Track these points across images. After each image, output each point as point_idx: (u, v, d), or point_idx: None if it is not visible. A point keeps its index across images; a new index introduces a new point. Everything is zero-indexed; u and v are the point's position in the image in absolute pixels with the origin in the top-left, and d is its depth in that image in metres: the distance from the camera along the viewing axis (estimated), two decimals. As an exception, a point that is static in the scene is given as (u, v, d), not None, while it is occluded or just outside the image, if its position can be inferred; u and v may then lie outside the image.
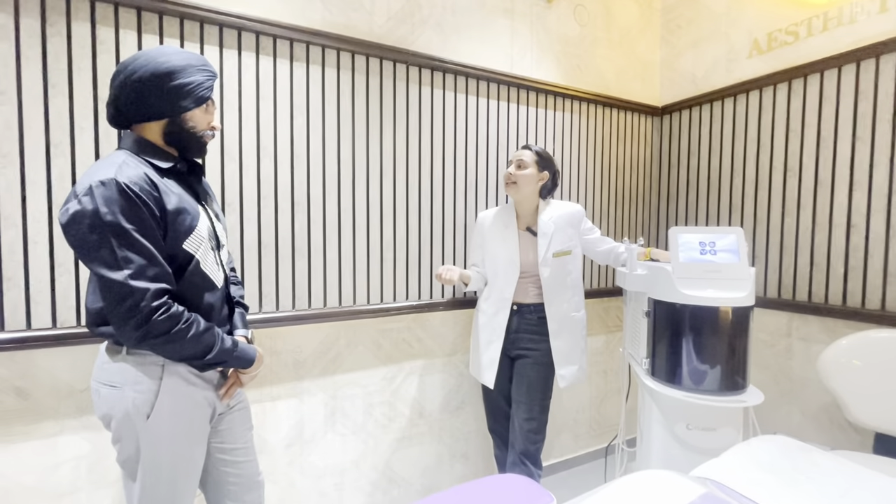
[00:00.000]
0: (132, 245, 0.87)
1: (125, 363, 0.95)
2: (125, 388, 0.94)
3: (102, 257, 0.86)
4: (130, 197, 0.87)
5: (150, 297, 0.88)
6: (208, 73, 1.02)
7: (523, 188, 1.62)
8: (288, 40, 1.50)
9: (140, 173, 0.91)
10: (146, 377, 0.95)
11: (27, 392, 1.23)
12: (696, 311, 1.19)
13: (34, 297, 1.22)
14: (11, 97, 1.18)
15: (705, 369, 1.19)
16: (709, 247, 1.23)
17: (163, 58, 0.96)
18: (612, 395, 2.36)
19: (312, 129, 1.56)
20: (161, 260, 0.91)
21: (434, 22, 1.77)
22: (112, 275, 0.86)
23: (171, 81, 0.96)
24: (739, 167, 2.03)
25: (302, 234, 1.55)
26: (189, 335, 0.93)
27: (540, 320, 1.62)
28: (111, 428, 0.96)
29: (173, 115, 0.98)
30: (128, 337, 0.89)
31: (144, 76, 0.94)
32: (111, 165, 0.90)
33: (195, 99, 0.99)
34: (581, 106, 2.16)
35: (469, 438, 1.95)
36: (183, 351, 0.94)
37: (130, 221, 0.87)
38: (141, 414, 0.93)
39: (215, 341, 0.98)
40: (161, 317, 0.89)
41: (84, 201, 0.86)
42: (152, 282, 0.89)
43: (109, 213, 0.85)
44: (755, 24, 1.98)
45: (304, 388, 1.59)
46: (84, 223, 0.86)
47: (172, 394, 0.96)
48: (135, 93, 0.95)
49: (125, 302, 0.86)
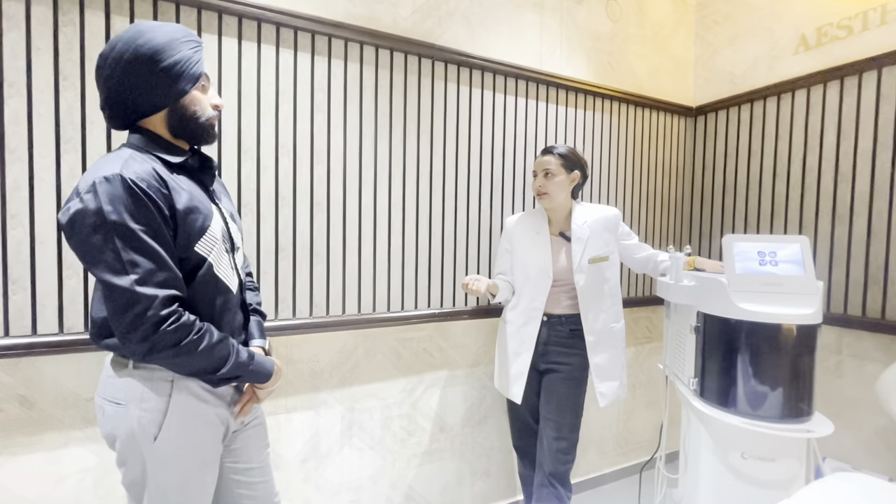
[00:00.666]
0: (139, 247, 0.79)
1: (131, 378, 0.87)
2: (131, 405, 0.85)
3: (106, 261, 0.78)
4: (137, 194, 0.79)
5: (159, 305, 0.79)
6: (194, 43, 0.90)
7: (557, 196, 1.52)
8: (309, 33, 1.42)
9: (148, 168, 0.83)
10: (154, 394, 0.86)
11: (31, 401, 1.17)
12: (755, 329, 1.07)
13: (41, 301, 1.15)
14: (21, 89, 1.12)
15: (764, 393, 1.07)
16: (769, 257, 1.11)
17: (142, 38, 0.84)
18: (640, 411, 2.24)
19: (333, 127, 1.48)
20: (171, 263, 0.83)
21: (461, 15, 1.68)
22: (116, 280, 0.78)
23: (159, 64, 0.84)
24: (783, 171, 1.91)
25: (321, 236, 1.47)
26: (200, 347, 0.84)
27: (572, 332, 1.51)
28: (116, 448, 0.88)
29: (172, 102, 0.89)
30: (133, 350, 0.81)
31: (128, 65, 0.83)
32: (116, 160, 0.82)
33: (189, 79, 0.88)
34: (612, 105, 2.05)
35: (491, 455, 1.85)
36: (194, 365, 0.85)
37: (137, 221, 0.79)
38: (147, 435, 0.85)
39: (229, 354, 0.89)
40: (170, 327, 0.80)
41: (86, 199, 0.78)
42: (161, 288, 0.80)
43: (114, 212, 0.77)
44: (802, 18, 1.85)
45: (320, 399, 1.51)
46: (86, 223, 0.77)
47: (182, 412, 0.88)
48: (124, 88, 0.85)
49: (130, 310, 0.78)
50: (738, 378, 1.10)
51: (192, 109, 0.91)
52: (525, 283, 1.55)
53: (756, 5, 2.01)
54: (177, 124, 0.91)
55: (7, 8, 1.10)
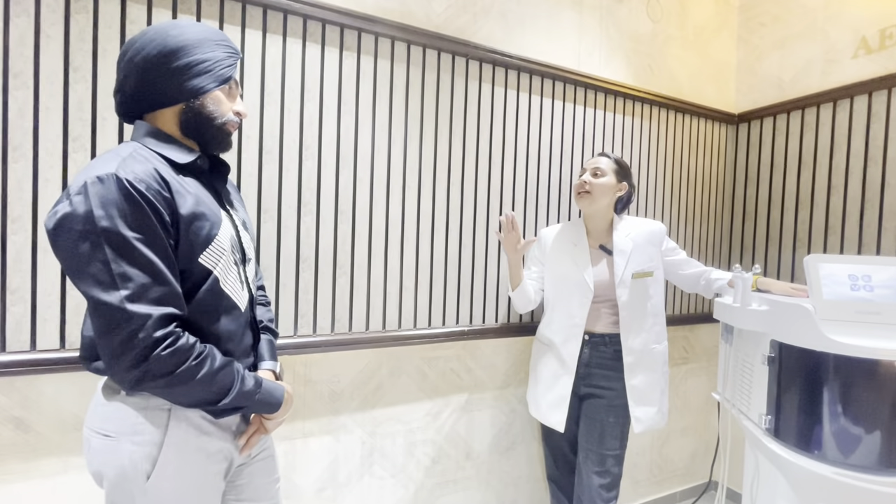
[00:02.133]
0: (133, 258, 0.68)
1: (124, 405, 0.75)
2: (121, 439, 0.74)
3: (93, 273, 0.67)
4: (133, 197, 0.68)
5: (152, 326, 0.67)
6: (230, 49, 0.84)
7: (599, 199, 1.40)
8: (338, 26, 1.32)
9: (149, 169, 0.72)
10: (149, 425, 0.74)
11: (28, 424, 1.06)
12: (849, 363, 0.93)
13: (41, 314, 1.04)
14: (27, 81, 1.02)
15: (858, 437, 0.93)
16: (862, 281, 0.98)
17: (175, 31, 0.78)
18: (675, 437, 2.09)
19: (361, 128, 1.37)
20: (169, 277, 0.71)
21: (497, 12, 1.57)
22: (104, 296, 0.66)
23: (184, 57, 0.78)
24: (839, 184, 1.76)
25: (345, 247, 1.35)
26: (199, 375, 0.72)
27: (616, 353, 1.39)
28: (104, 488, 0.76)
29: (188, 97, 0.80)
30: (121, 378, 0.69)
31: (153, 52, 0.76)
32: (114, 158, 0.71)
33: (215, 78, 0.81)
34: (651, 110, 1.92)
35: (519, 484, 1.71)
36: (191, 395, 0.74)
37: (132, 228, 0.68)
38: (139, 473, 0.73)
39: (233, 382, 0.77)
40: (165, 351, 0.68)
41: (76, 202, 0.67)
42: (156, 305, 0.69)
43: (106, 218, 0.66)
44: (863, 19, 1.72)
45: (340, 423, 1.39)
46: (74, 229, 0.67)
47: (180, 447, 0.76)
48: (143, 72, 0.77)
49: (119, 331, 0.67)
50: (824, 419, 0.96)
51: (209, 108, 0.81)
52: (561, 297, 1.42)
53: (809, 6, 1.89)
54: (189, 122, 0.81)
55: (15, -8, 1.00)
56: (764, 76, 2.05)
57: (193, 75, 0.78)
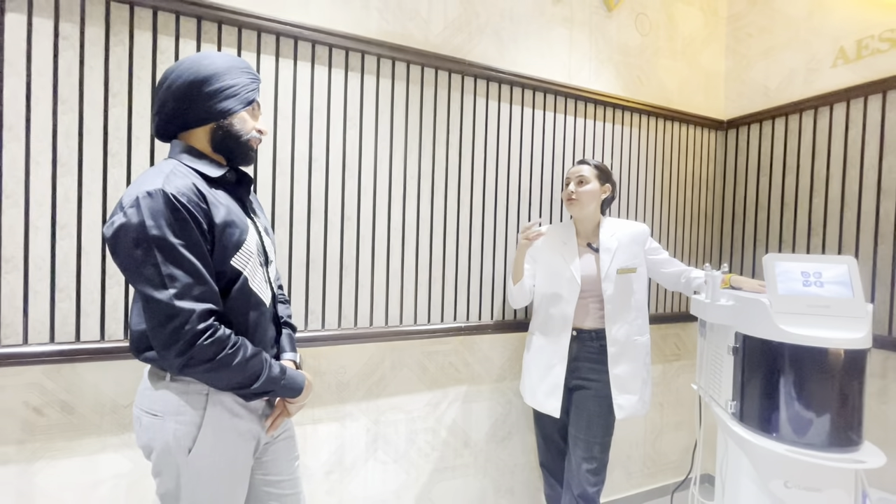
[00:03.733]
0: (178, 261, 0.81)
1: (168, 391, 0.88)
2: (167, 418, 0.87)
3: (146, 274, 0.80)
4: (178, 209, 0.81)
5: (196, 319, 0.81)
6: (252, 75, 0.97)
7: (587, 205, 1.51)
8: (344, 49, 1.46)
9: (188, 183, 0.85)
10: (189, 407, 0.87)
11: (72, 406, 1.20)
12: (800, 352, 1.03)
13: (84, 309, 1.19)
14: (73, 105, 1.17)
15: (810, 419, 1.02)
16: (813, 278, 1.07)
17: (206, 61, 0.92)
18: (668, 431, 2.17)
19: (365, 141, 1.50)
20: (208, 278, 0.84)
21: (491, 30, 1.70)
22: (156, 294, 0.80)
23: (215, 83, 0.91)
24: (820, 187, 1.85)
25: (350, 250, 1.48)
26: (235, 361, 0.85)
27: (601, 348, 1.49)
28: (151, 459, 0.89)
29: (218, 118, 0.93)
30: (170, 363, 0.82)
31: (188, 80, 0.89)
32: (159, 175, 0.84)
33: (241, 100, 0.94)
34: (641, 119, 2.03)
35: (515, 472, 1.82)
36: (228, 379, 0.86)
37: (177, 236, 0.81)
38: (182, 448, 0.86)
39: (262, 368, 0.90)
40: (206, 341, 0.81)
41: (130, 213, 0.80)
42: (198, 302, 0.82)
43: (155, 227, 0.80)
44: (842, 30, 1.81)
45: (346, 411, 1.51)
46: (129, 237, 0.80)
47: (216, 426, 0.89)
48: (180, 98, 0.90)
49: (169, 324, 0.80)
50: (780, 403, 1.06)
51: (236, 127, 0.94)
52: (552, 293, 1.53)
53: (793, 18, 1.98)
54: (219, 139, 0.94)
55: (63, 29, 1.16)
56: (751, 84, 2.14)
57: (223, 99, 0.92)
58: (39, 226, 1.15)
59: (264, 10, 1.35)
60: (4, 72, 1.11)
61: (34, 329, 1.15)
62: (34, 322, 1.15)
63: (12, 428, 1.15)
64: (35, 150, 1.14)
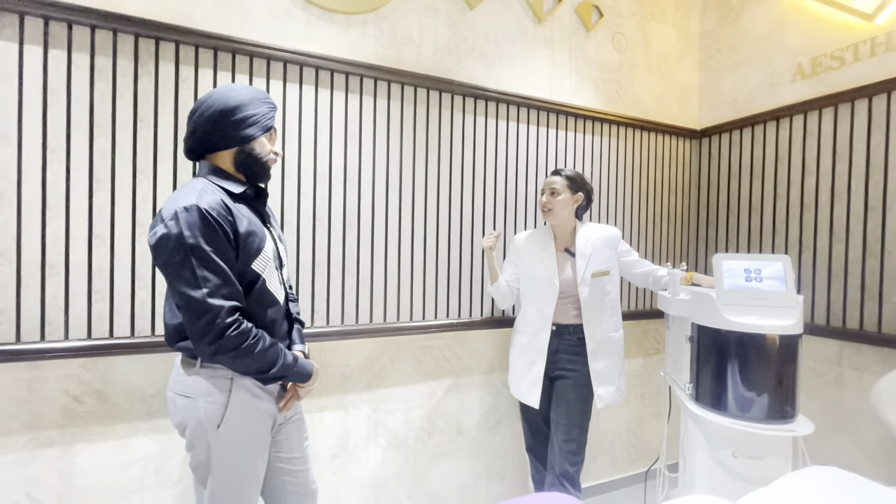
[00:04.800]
0: (210, 265, 0.96)
1: (199, 376, 1.03)
2: (198, 399, 1.02)
3: (184, 276, 0.95)
4: (209, 221, 0.97)
5: (225, 314, 0.96)
6: (270, 104, 1.13)
7: (560, 213, 1.66)
8: (344, 73, 1.62)
9: (217, 199, 1.01)
10: (217, 389, 1.03)
11: (106, 395, 1.35)
12: (742, 338, 1.19)
13: (117, 309, 1.34)
14: (107, 130, 1.33)
15: (752, 397, 1.18)
16: (754, 274, 1.23)
17: (232, 93, 1.07)
18: (649, 419, 2.33)
19: (364, 156, 1.66)
20: (234, 279, 1.00)
21: (478, 52, 1.86)
22: (192, 292, 0.95)
23: (239, 113, 1.06)
24: (783, 191, 2.01)
25: (352, 253, 1.64)
26: (256, 350, 1.01)
27: (579, 341, 1.64)
28: (185, 436, 1.04)
29: (242, 143, 1.08)
30: (203, 350, 0.98)
31: (218, 110, 1.05)
32: (192, 192, 1.00)
33: (261, 127, 1.10)
34: (619, 130, 2.19)
35: (505, 458, 1.97)
36: (251, 365, 1.02)
37: (209, 243, 0.96)
38: (212, 423, 1.01)
39: (279, 356, 1.06)
40: (233, 332, 0.97)
41: (170, 225, 0.96)
42: (226, 300, 0.97)
43: (192, 237, 0.95)
44: (799, 48, 1.97)
45: (349, 400, 1.67)
46: (170, 245, 0.95)
47: (240, 405, 1.04)
48: (210, 125, 1.05)
49: (203, 318, 0.95)
50: (728, 383, 1.21)
51: (257, 151, 1.10)
52: (532, 294, 1.69)
53: (756, 35, 2.14)
54: (242, 161, 1.10)
55: (98, 62, 1.32)
56: (722, 96, 2.31)
57: (246, 126, 1.07)
58: (78, 235, 1.30)
59: (272, 40, 1.51)
60: (48, 101, 1.27)
61: (74, 326, 1.30)
62: (73, 320, 1.30)
63: (54, 414, 1.30)
64: (74, 168, 1.30)
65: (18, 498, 1.26)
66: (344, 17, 1.63)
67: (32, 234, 1.26)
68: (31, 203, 1.26)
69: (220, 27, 1.45)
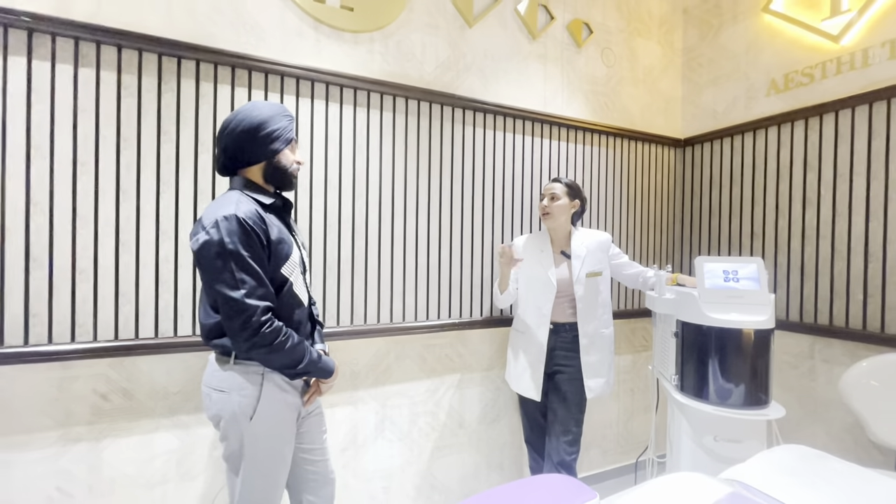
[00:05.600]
0: (247, 269, 1.06)
1: (232, 371, 1.12)
2: (232, 393, 1.11)
3: (224, 279, 1.05)
4: (247, 229, 1.07)
5: (260, 313, 1.06)
6: (289, 117, 1.23)
7: (558, 217, 1.78)
8: (352, 89, 1.72)
9: (252, 209, 1.11)
10: (250, 384, 1.12)
11: (131, 393, 1.43)
12: (721, 333, 1.32)
13: (142, 311, 1.43)
14: (132, 143, 1.41)
15: (730, 385, 1.31)
16: (732, 275, 1.37)
17: (255, 111, 1.17)
18: (638, 413, 2.46)
19: (371, 166, 1.76)
20: (267, 282, 1.10)
21: (476, 68, 1.98)
22: (232, 293, 1.05)
23: (264, 129, 1.16)
24: (760, 197, 2.16)
25: (360, 257, 1.74)
26: (287, 346, 1.10)
27: (574, 338, 1.76)
28: (219, 427, 1.13)
29: (269, 157, 1.19)
30: (240, 346, 1.07)
31: (244, 129, 1.15)
32: (230, 203, 1.10)
33: (284, 140, 1.20)
34: (608, 140, 2.33)
35: (504, 450, 2.08)
36: (281, 360, 1.11)
37: (246, 249, 1.06)
38: (245, 415, 1.11)
39: (305, 353, 1.15)
40: (267, 329, 1.07)
41: (212, 232, 1.05)
42: (261, 300, 1.07)
43: (231, 243, 1.05)
44: (773, 65, 2.13)
45: (358, 397, 1.76)
46: (212, 250, 1.05)
47: (270, 398, 1.14)
48: (238, 142, 1.15)
49: (241, 316, 1.05)
50: (709, 373, 1.34)
51: (282, 163, 1.20)
52: (530, 293, 1.80)
53: (734, 52, 2.30)
54: (270, 173, 1.20)
55: (124, 79, 1.40)
56: (703, 108, 2.46)
57: (272, 141, 1.17)
58: (105, 242, 1.38)
59: (285, 58, 1.61)
60: (78, 116, 1.35)
61: (101, 328, 1.38)
62: (101, 322, 1.38)
63: (84, 411, 1.37)
64: (102, 180, 1.38)
65: (50, 492, 1.34)
66: (352, 35, 1.73)
67: (63, 242, 1.34)
68: (63, 212, 1.34)
69: (237, 46, 1.54)
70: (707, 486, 0.99)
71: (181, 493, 1.49)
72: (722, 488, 0.98)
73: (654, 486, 1.03)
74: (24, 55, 1.30)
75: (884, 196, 1.75)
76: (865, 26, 1.82)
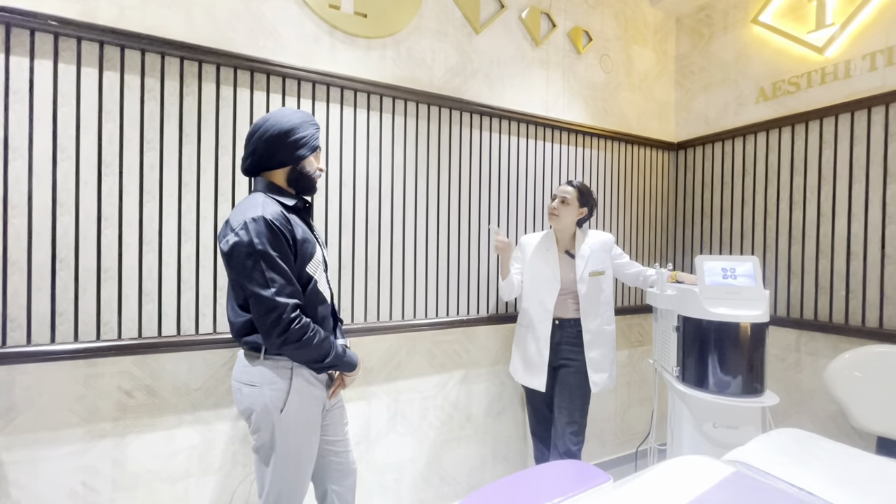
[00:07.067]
0: (276, 268, 1.11)
1: (263, 367, 1.17)
2: (263, 387, 1.16)
3: (255, 278, 1.10)
4: (274, 230, 1.12)
5: (289, 311, 1.11)
6: (316, 126, 1.28)
7: (564, 220, 1.86)
8: (365, 93, 1.77)
9: (278, 210, 1.16)
10: (279, 378, 1.17)
11: (154, 390, 1.46)
12: (721, 326, 1.41)
13: (164, 310, 1.46)
14: (155, 146, 1.44)
15: (728, 375, 1.40)
16: (730, 272, 1.46)
17: (285, 118, 1.22)
18: (635, 406, 2.56)
19: (384, 167, 1.82)
20: (294, 281, 1.15)
21: (483, 73, 2.05)
22: (263, 292, 1.10)
23: (293, 135, 1.21)
24: (749, 199, 2.28)
25: (373, 256, 1.80)
26: (314, 342, 1.16)
27: (578, 333, 1.84)
28: (251, 420, 1.18)
29: (295, 162, 1.24)
30: (272, 342, 1.12)
31: (274, 133, 1.20)
32: (257, 205, 1.14)
33: (310, 148, 1.25)
34: (606, 143, 2.42)
35: (510, 442, 2.15)
36: (309, 354, 1.17)
37: (274, 249, 1.11)
38: (276, 408, 1.15)
39: (331, 348, 1.21)
40: (296, 325, 1.12)
41: (241, 234, 1.10)
42: (290, 298, 1.12)
43: (260, 244, 1.10)
44: (761, 74, 2.25)
45: (371, 392, 1.82)
46: (242, 251, 1.10)
47: (299, 392, 1.19)
48: (267, 146, 1.20)
49: (272, 314, 1.10)
50: (708, 364, 1.44)
51: (307, 168, 1.25)
52: (537, 290, 1.88)
53: (724, 60, 2.41)
54: (294, 178, 1.25)
55: (148, 83, 1.43)
56: (695, 113, 2.57)
57: (299, 147, 1.22)
58: (129, 242, 1.41)
59: (302, 62, 1.65)
60: (103, 119, 1.38)
61: (126, 326, 1.41)
62: (126, 321, 1.41)
63: (109, 407, 1.40)
64: (126, 181, 1.41)
65: (75, 486, 1.36)
66: (365, 41, 1.78)
67: (89, 242, 1.36)
68: (88, 213, 1.36)
69: (255, 50, 1.58)
70: (712, 467, 1.08)
71: (202, 487, 1.53)
72: (726, 468, 1.06)
73: (664, 468, 1.12)
74: (51, 59, 1.32)
75: (864, 198, 1.87)
76: (848, 39, 1.94)
